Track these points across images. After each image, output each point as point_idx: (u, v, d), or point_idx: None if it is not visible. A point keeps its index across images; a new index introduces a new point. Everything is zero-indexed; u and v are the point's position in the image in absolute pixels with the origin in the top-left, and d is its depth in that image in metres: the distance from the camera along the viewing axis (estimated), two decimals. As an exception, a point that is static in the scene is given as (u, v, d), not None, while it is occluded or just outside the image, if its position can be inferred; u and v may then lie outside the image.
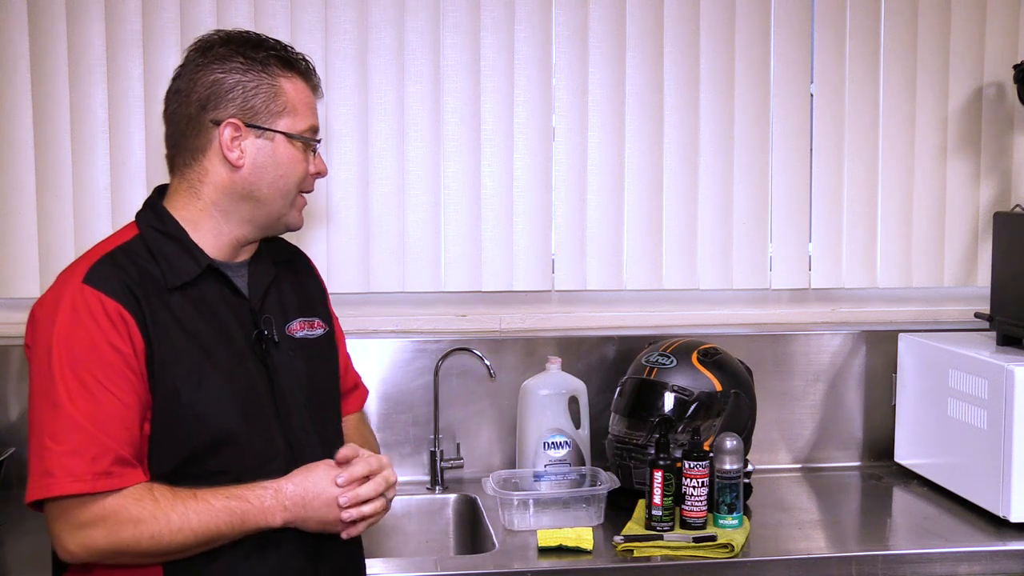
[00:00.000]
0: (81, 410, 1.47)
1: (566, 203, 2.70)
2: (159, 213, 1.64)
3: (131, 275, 1.54)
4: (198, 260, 1.61)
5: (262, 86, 1.61)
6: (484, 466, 2.60)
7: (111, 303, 1.50)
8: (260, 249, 1.72)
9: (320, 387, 1.74)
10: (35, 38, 2.50)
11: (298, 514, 1.55)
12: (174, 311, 1.56)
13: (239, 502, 1.52)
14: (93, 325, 1.49)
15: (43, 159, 2.52)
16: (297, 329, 1.72)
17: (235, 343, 1.61)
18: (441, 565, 2.09)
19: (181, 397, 1.53)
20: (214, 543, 1.52)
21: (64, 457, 1.46)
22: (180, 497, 1.50)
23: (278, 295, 1.72)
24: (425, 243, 2.65)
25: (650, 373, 2.40)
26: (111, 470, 1.47)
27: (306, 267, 1.87)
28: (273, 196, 1.64)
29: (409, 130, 2.63)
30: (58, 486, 1.46)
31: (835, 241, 2.81)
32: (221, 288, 1.63)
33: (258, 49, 1.63)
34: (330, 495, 1.56)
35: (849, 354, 2.76)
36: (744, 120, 2.75)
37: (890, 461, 2.71)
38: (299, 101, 1.64)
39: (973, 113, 2.84)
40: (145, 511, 1.47)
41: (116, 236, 1.64)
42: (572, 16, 2.67)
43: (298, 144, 1.64)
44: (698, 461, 2.18)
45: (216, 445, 1.56)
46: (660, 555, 2.08)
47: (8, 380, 2.49)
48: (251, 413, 1.60)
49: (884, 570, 2.12)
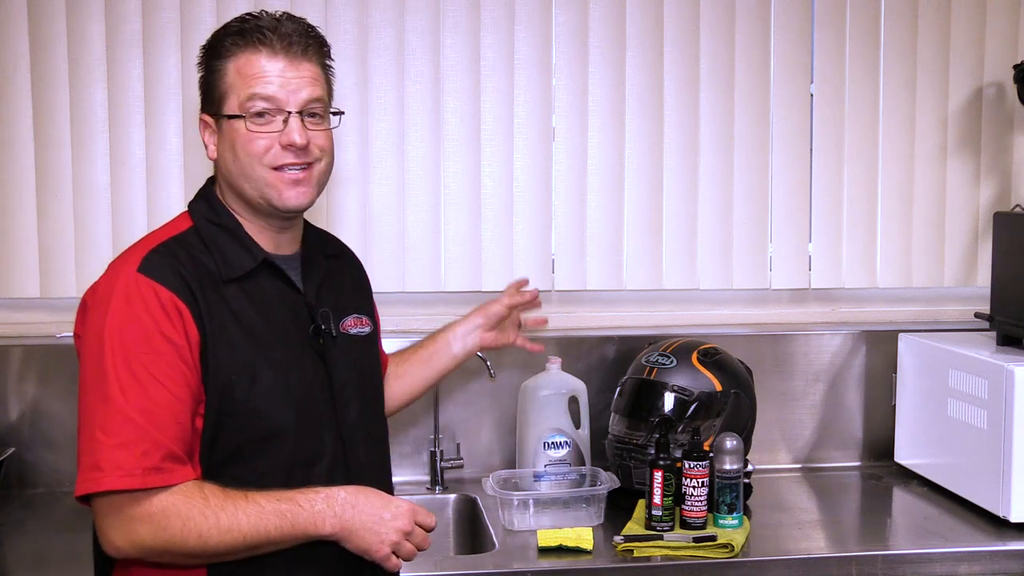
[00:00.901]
0: (132, 403, 1.44)
1: (566, 203, 2.70)
2: (214, 205, 1.62)
3: (186, 266, 1.52)
4: (254, 254, 1.59)
5: (213, 75, 1.59)
6: (484, 466, 2.60)
7: (166, 293, 1.48)
8: (308, 242, 1.70)
9: (370, 384, 1.74)
10: (35, 38, 2.50)
11: (346, 524, 1.51)
12: (230, 304, 1.54)
13: (290, 504, 1.49)
14: (147, 316, 1.46)
15: (43, 159, 2.52)
16: (351, 325, 1.71)
17: (291, 338, 1.60)
18: (441, 565, 2.09)
19: (235, 392, 1.51)
20: (262, 548, 1.49)
21: (114, 451, 1.43)
22: (231, 497, 1.47)
23: (332, 290, 1.70)
24: (425, 243, 2.65)
25: (650, 373, 2.40)
26: (162, 466, 1.44)
27: (353, 263, 1.86)
28: (240, 180, 1.59)
29: (409, 130, 2.63)
30: (107, 480, 1.42)
31: (835, 241, 2.81)
32: (276, 282, 1.62)
33: (220, 34, 1.60)
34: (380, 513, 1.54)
35: (849, 354, 2.76)
36: (744, 120, 2.75)
37: (890, 461, 2.71)
38: (240, 75, 1.56)
39: (973, 113, 2.84)
40: (194, 509, 1.44)
41: (169, 227, 1.62)
42: (572, 16, 2.67)
43: (239, 122, 1.56)
44: (698, 461, 2.18)
45: (265, 442, 1.54)
46: (660, 555, 2.08)
47: (8, 380, 2.48)
48: (304, 410, 1.58)
49: (884, 570, 2.12)
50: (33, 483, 2.47)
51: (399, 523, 1.55)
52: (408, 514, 1.57)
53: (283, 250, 1.66)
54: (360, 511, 1.53)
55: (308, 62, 1.60)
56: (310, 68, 1.60)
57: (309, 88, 1.59)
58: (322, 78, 1.63)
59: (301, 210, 1.63)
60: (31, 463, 2.47)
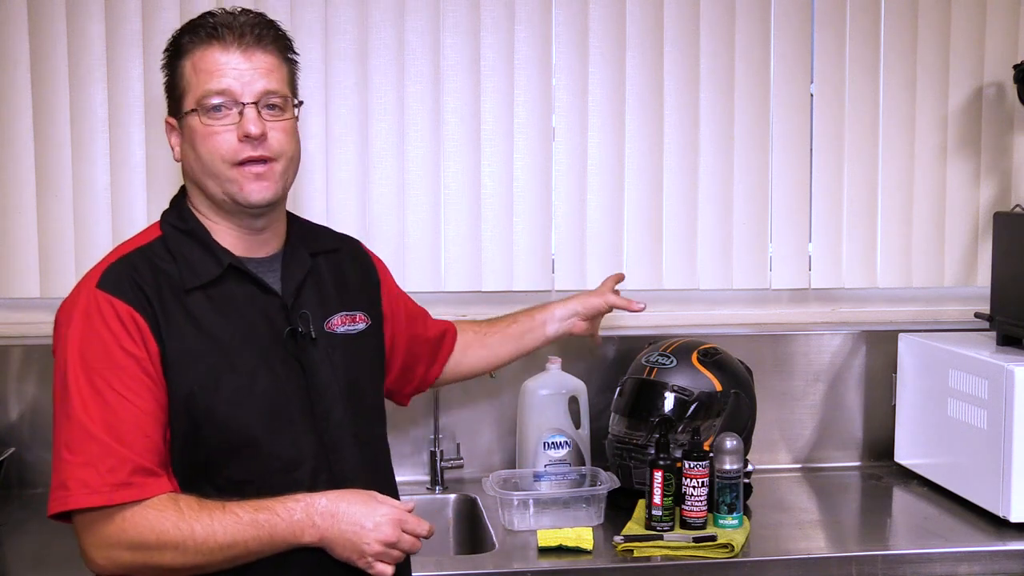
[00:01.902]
0: (95, 420, 1.43)
1: (566, 203, 2.70)
2: (182, 212, 1.62)
3: (145, 277, 1.51)
4: (219, 259, 1.57)
5: (172, 77, 1.59)
6: (484, 466, 2.60)
7: (123, 307, 1.47)
8: (292, 240, 1.68)
9: (361, 386, 1.68)
10: (35, 38, 2.50)
11: (327, 532, 1.48)
12: (192, 312, 1.52)
13: (268, 514, 1.46)
14: (105, 330, 1.46)
15: (43, 159, 2.52)
16: (338, 324, 1.66)
17: (261, 343, 1.56)
18: (441, 565, 2.09)
19: (197, 401, 1.49)
20: (241, 559, 1.46)
21: (78, 469, 1.42)
22: (207, 508, 1.44)
23: (316, 288, 1.66)
24: (425, 243, 2.64)
25: (650, 373, 2.40)
26: (131, 480, 1.43)
27: (354, 256, 1.81)
28: (203, 178, 1.57)
29: (409, 130, 2.63)
30: (73, 499, 1.42)
31: (835, 241, 2.81)
32: (246, 286, 1.58)
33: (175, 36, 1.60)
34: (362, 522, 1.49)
35: (849, 354, 2.76)
36: (744, 120, 2.75)
37: (890, 461, 2.71)
38: (196, 72, 1.54)
39: (973, 113, 2.84)
40: (168, 522, 1.42)
41: (140, 236, 1.62)
42: (572, 16, 2.67)
43: (195, 117, 1.55)
44: (698, 461, 2.18)
45: (236, 450, 1.52)
46: (660, 555, 2.08)
47: (8, 380, 2.48)
48: (275, 416, 1.54)
49: (884, 570, 2.12)
50: (33, 483, 2.46)
51: (381, 533, 1.50)
52: (391, 524, 1.52)
53: (259, 252, 1.62)
54: (340, 520, 1.49)
55: (263, 53, 1.56)
56: (265, 59, 1.57)
57: (264, 79, 1.56)
58: (280, 70, 1.59)
59: (265, 205, 1.59)
60: (31, 463, 2.47)
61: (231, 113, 1.54)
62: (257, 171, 1.56)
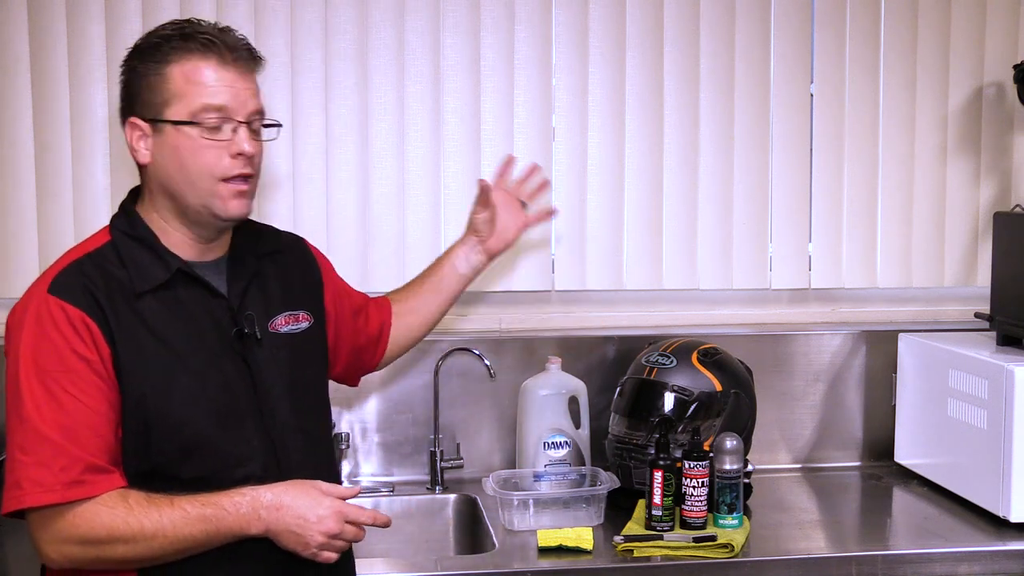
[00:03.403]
0: (48, 420, 1.47)
1: (566, 203, 2.70)
2: (131, 217, 1.63)
3: (95, 282, 1.54)
4: (168, 264, 1.59)
5: (151, 78, 1.55)
6: (484, 466, 2.60)
7: (74, 311, 1.50)
8: (237, 243, 1.69)
9: (305, 383, 1.72)
10: (35, 38, 2.50)
11: (272, 524, 1.53)
12: (143, 316, 1.55)
13: (215, 509, 1.50)
14: (57, 334, 1.49)
15: (43, 159, 2.52)
16: (282, 324, 1.70)
17: (210, 344, 1.60)
18: (441, 565, 2.09)
19: (149, 402, 1.53)
20: (190, 551, 1.51)
21: (31, 468, 1.46)
22: (155, 504, 1.49)
23: (261, 290, 1.69)
24: (425, 243, 2.64)
25: (650, 373, 2.40)
26: (82, 478, 1.47)
27: (300, 256, 1.83)
28: (182, 189, 1.58)
29: (409, 130, 2.63)
30: (29, 497, 1.46)
31: (835, 241, 2.81)
32: (195, 290, 1.61)
33: (157, 38, 1.57)
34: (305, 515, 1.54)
35: (849, 354, 2.76)
36: (744, 120, 2.75)
37: (890, 461, 2.71)
38: (189, 82, 1.54)
39: (973, 113, 2.84)
40: (118, 518, 1.47)
41: (89, 241, 1.63)
42: (572, 16, 2.67)
43: (190, 130, 1.55)
44: (698, 461, 2.18)
45: (188, 450, 1.55)
46: (660, 555, 2.08)
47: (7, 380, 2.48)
48: (226, 415, 1.58)
49: (884, 570, 2.12)
50: (33, 483, 2.46)
51: (324, 526, 1.55)
52: (334, 516, 1.56)
53: (206, 256, 1.65)
54: (284, 513, 1.53)
55: (252, 73, 1.62)
56: (254, 80, 1.62)
57: (254, 100, 1.61)
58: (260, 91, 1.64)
59: (241, 219, 1.64)
60: (31, 463, 2.47)
61: (224, 130, 1.57)
62: (241, 188, 1.60)
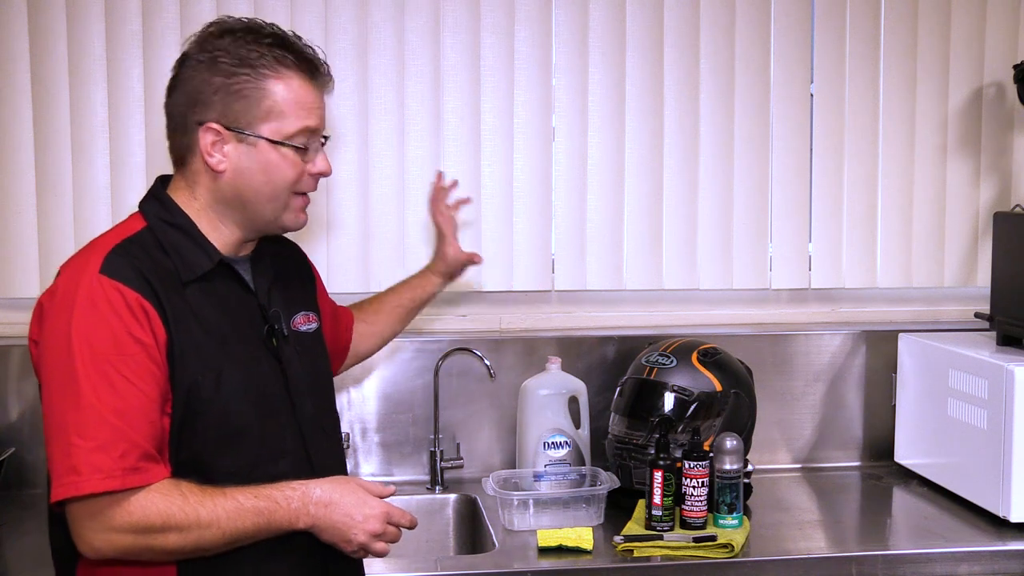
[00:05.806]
0: (107, 405, 1.43)
1: (566, 203, 2.70)
2: (167, 205, 1.60)
3: (146, 266, 1.51)
4: (209, 254, 1.58)
5: (246, 88, 1.53)
6: (484, 466, 2.60)
7: (132, 294, 1.47)
8: (259, 242, 1.71)
9: (321, 381, 1.76)
10: (35, 38, 2.50)
11: (319, 520, 1.54)
12: (191, 304, 1.54)
13: (268, 502, 1.50)
14: (115, 318, 1.46)
15: (43, 159, 2.52)
16: (300, 323, 1.73)
17: (249, 338, 1.61)
18: (441, 565, 2.09)
19: (201, 392, 1.52)
20: (238, 543, 1.50)
21: (92, 454, 1.42)
22: (209, 494, 1.47)
23: (281, 290, 1.71)
24: (425, 243, 2.64)
25: (650, 373, 2.40)
26: (139, 465, 1.44)
27: (300, 261, 1.88)
28: (260, 201, 1.59)
29: (409, 130, 2.63)
30: (88, 484, 1.42)
31: (835, 241, 2.81)
32: (231, 283, 1.62)
33: (253, 45, 1.54)
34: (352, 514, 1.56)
35: (849, 354, 2.76)
36: (744, 120, 2.75)
37: (890, 461, 2.71)
38: (290, 102, 1.55)
39: (973, 113, 2.84)
40: (174, 506, 1.45)
41: (122, 227, 1.60)
42: (572, 16, 2.67)
43: (288, 151, 1.57)
44: (698, 461, 2.18)
45: (231, 440, 1.55)
46: (660, 555, 2.08)
47: (8, 380, 2.48)
48: (265, 408, 1.59)
49: (884, 570, 2.12)
50: (33, 483, 2.46)
51: (369, 526, 1.57)
52: (380, 517, 1.58)
53: (239, 252, 1.66)
54: (333, 510, 1.55)
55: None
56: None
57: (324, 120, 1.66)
58: None
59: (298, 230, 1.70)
60: (31, 463, 2.47)
61: (311, 149, 1.62)
62: (306, 203, 1.66)
